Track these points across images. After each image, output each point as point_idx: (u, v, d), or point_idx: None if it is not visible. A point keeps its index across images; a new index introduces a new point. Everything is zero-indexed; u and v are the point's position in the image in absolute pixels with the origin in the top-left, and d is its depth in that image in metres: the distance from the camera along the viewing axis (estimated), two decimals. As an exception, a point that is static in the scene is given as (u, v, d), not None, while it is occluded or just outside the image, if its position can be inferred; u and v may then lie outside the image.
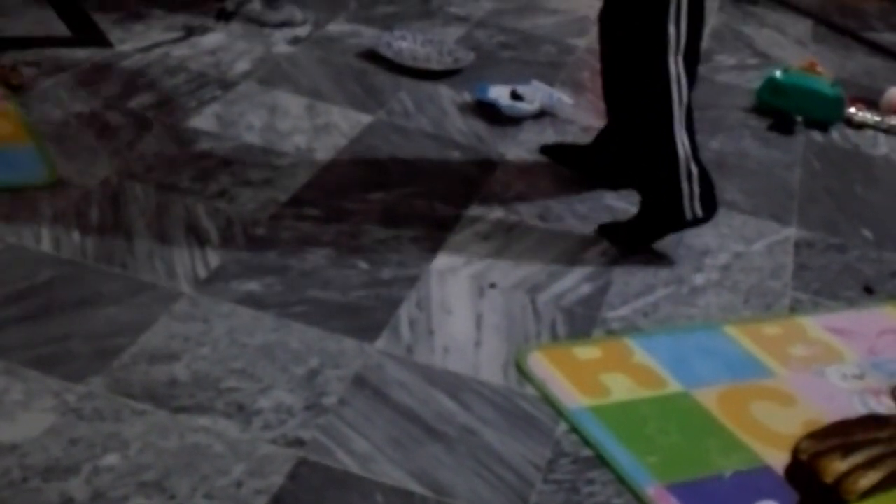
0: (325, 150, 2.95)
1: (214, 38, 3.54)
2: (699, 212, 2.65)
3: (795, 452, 1.61)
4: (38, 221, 2.42)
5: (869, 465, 1.52)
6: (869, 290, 2.75)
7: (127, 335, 2.11)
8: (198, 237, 2.47)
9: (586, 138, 3.24)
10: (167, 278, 2.31)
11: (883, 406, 2.18)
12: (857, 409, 2.22)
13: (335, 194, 2.75)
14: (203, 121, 2.98)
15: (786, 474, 1.66)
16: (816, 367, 2.39)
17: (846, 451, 1.56)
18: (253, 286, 2.33)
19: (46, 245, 2.35)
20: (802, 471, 1.59)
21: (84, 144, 2.77)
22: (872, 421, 1.71)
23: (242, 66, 3.36)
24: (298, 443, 1.93)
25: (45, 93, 2.99)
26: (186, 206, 2.57)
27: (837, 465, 1.52)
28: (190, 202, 2.59)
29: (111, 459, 1.82)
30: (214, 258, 2.40)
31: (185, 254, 2.40)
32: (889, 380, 2.33)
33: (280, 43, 3.57)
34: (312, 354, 2.16)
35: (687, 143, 2.59)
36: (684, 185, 2.61)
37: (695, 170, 2.61)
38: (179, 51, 3.40)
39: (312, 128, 3.06)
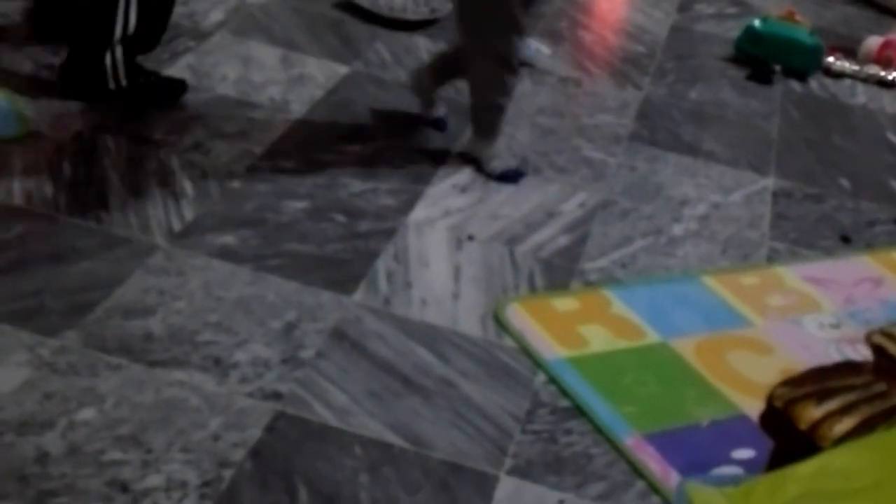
0: (300, 102, 2.91)
1: (187, -12, 3.47)
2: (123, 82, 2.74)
3: (770, 399, 1.62)
4: (9, 175, 2.38)
5: (844, 411, 1.53)
6: (846, 240, 2.76)
7: (101, 289, 2.09)
8: (172, 190, 2.44)
9: (564, 88, 3.22)
10: (141, 232, 2.28)
11: (859, 354, 2.18)
12: (833, 357, 2.23)
13: (311, 147, 2.72)
14: (176, 72, 2.93)
15: (761, 421, 1.66)
16: (793, 317, 2.40)
17: (821, 397, 1.56)
18: (228, 239, 2.31)
19: (18, 199, 2.32)
20: (777, 418, 1.60)
21: (55, 97, 2.72)
22: (847, 368, 1.72)
23: (216, 16, 3.30)
24: (276, 396, 1.92)
25: (15, 45, 2.93)
26: (160, 159, 2.54)
27: (812, 412, 1.53)
28: (164, 155, 2.56)
29: (86, 414, 1.81)
30: (189, 211, 2.38)
31: (159, 207, 2.37)
32: (865, 328, 2.34)
33: None
34: (289, 308, 2.15)
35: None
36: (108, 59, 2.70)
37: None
38: (151, 1, 3.33)
39: (287, 79, 3.02)
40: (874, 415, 1.54)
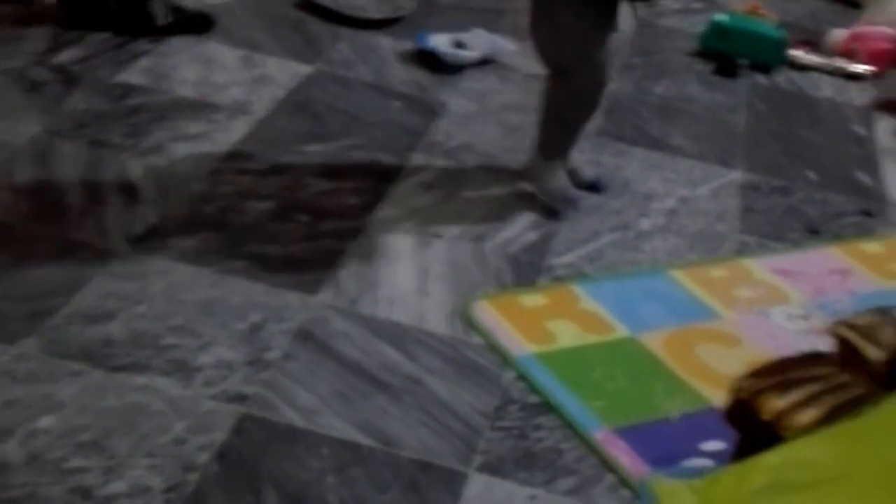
0: (262, 103, 2.88)
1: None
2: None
3: (736, 391, 1.61)
4: (-35, 181, 2.35)
5: (807, 402, 1.52)
6: (814, 232, 2.76)
7: (60, 295, 2.06)
8: (132, 194, 2.41)
9: (530, 84, 3.21)
10: (101, 237, 2.25)
11: (828, 345, 2.18)
12: (801, 349, 2.22)
13: (274, 147, 2.69)
14: (134, 75, 2.90)
15: (726, 414, 1.65)
16: (761, 308, 2.39)
17: (784, 388, 1.56)
18: (191, 242, 2.28)
19: (-25, 205, 2.28)
20: (742, 409, 1.59)
21: (10, 101, 2.68)
22: (811, 358, 1.71)
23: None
24: (241, 398, 1.89)
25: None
26: (120, 163, 2.51)
27: (775, 403, 1.52)
28: (123, 158, 2.53)
29: (47, 421, 1.78)
30: (151, 215, 2.35)
31: (119, 211, 2.34)
32: (834, 319, 2.34)
33: None
34: (254, 309, 2.12)
35: None
36: None
37: None
38: (111, 4, 3.29)
39: (249, 80, 2.99)
40: (838, 405, 1.54)
